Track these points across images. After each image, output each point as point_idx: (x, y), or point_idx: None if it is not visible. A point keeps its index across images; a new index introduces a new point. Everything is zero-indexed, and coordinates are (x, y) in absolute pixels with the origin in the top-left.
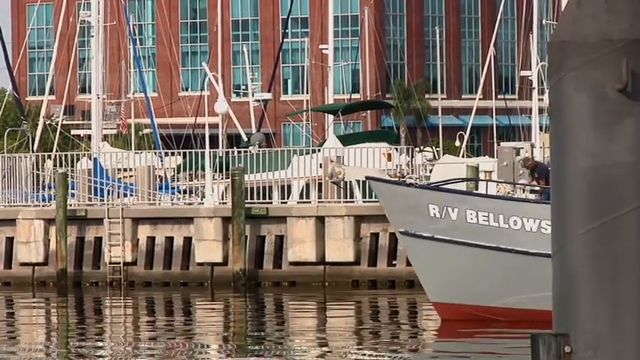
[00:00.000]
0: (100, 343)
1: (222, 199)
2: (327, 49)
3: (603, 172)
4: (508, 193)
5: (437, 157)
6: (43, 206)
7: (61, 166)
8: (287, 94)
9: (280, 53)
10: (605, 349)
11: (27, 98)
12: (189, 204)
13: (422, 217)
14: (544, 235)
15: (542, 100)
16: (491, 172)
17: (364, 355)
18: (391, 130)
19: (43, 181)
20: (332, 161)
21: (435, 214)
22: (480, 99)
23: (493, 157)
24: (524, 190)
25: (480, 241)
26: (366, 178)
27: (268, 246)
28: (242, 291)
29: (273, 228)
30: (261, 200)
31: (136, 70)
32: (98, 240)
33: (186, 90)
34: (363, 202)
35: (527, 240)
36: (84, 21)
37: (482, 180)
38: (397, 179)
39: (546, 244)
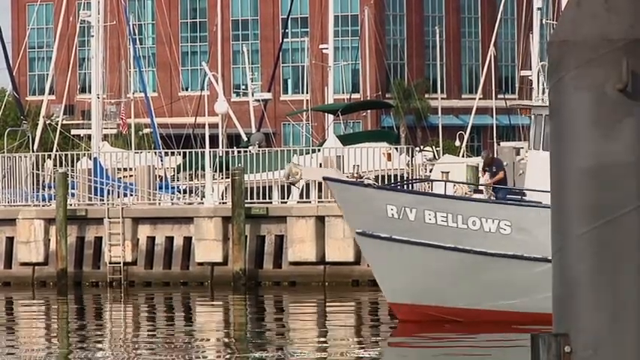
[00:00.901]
0: (99, 343)
1: (222, 199)
2: (327, 48)
3: (603, 171)
4: (466, 193)
5: (437, 157)
6: (43, 206)
7: (61, 165)
8: (287, 93)
9: (280, 53)
10: (605, 349)
11: (27, 98)
12: (189, 204)
13: (380, 217)
14: (503, 235)
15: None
16: (448, 172)
17: (364, 354)
18: (391, 130)
19: (43, 181)
20: (290, 162)
21: (393, 214)
22: (479, 99)
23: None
24: (488, 191)
25: (439, 241)
26: (323, 178)
27: (268, 246)
28: (242, 291)
29: (273, 228)
30: (261, 200)
31: (136, 70)
32: (98, 240)
33: (186, 90)
34: None
35: (485, 240)
36: (84, 21)
37: (439, 180)
38: (355, 180)
39: (505, 244)
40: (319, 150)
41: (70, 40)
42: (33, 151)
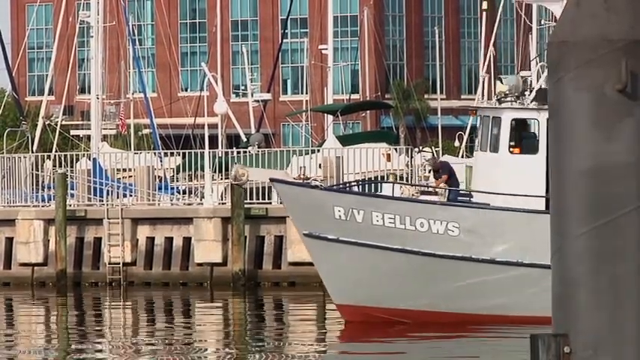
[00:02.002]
0: (99, 344)
1: (222, 200)
2: (326, 49)
3: (602, 172)
4: (413, 195)
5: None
6: (42, 206)
7: (60, 166)
8: (286, 94)
9: (280, 53)
10: (605, 349)
11: (26, 98)
12: (189, 204)
13: (327, 219)
14: (451, 237)
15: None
16: (395, 172)
17: (363, 353)
18: (390, 131)
19: (43, 182)
20: (236, 164)
21: (340, 216)
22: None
23: None
24: (436, 192)
25: (386, 243)
26: (270, 180)
27: (268, 246)
28: (241, 291)
29: (273, 228)
30: (261, 200)
31: (136, 71)
32: (97, 240)
33: (186, 90)
34: None
35: (433, 242)
36: (83, 21)
37: (387, 182)
38: (302, 181)
39: (453, 245)
40: (319, 150)
41: (69, 40)
42: (32, 152)
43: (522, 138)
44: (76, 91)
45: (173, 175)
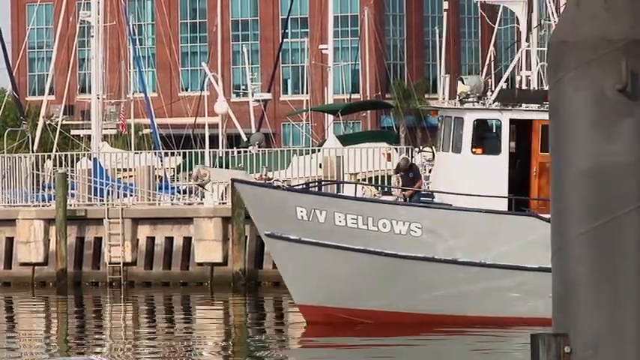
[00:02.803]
0: (99, 344)
1: (222, 199)
2: (326, 49)
3: (602, 172)
4: (375, 195)
5: None
6: (42, 206)
7: (60, 166)
8: (287, 94)
9: (280, 53)
10: (605, 349)
11: (27, 98)
12: (189, 204)
13: (289, 219)
14: (413, 237)
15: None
16: (357, 173)
17: (362, 351)
18: (391, 131)
19: (43, 182)
20: (198, 164)
21: (302, 216)
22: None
23: None
24: (404, 194)
25: (349, 243)
26: (232, 180)
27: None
28: (242, 291)
29: None
30: None
31: (136, 70)
32: (98, 240)
33: (186, 90)
34: None
35: (396, 242)
36: (84, 21)
37: (348, 182)
38: (264, 182)
39: (415, 246)
40: (319, 150)
41: (69, 40)
42: (33, 152)
43: (485, 139)
44: (77, 90)
45: (173, 175)
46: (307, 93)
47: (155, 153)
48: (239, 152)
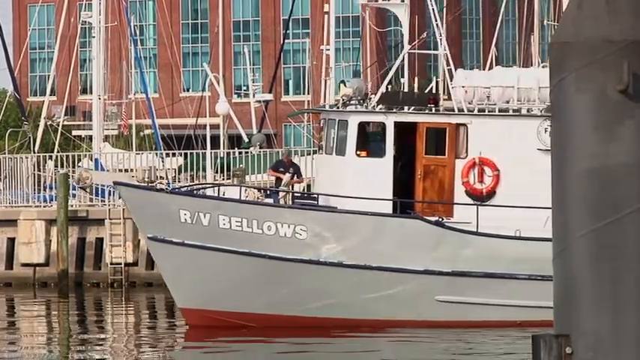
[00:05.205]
0: (100, 344)
1: None
2: (328, 49)
3: (604, 173)
4: (258, 198)
5: None
6: (44, 207)
7: (62, 166)
8: (288, 94)
9: (281, 54)
10: (606, 350)
11: (28, 99)
12: None
13: (172, 222)
14: (298, 240)
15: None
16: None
17: (361, 350)
18: None
19: (45, 182)
20: (80, 166)
21: (186, 219)
22: None
23: None
24: (293, 196)
25: (233, 246)
26: (114, 183)
27: None
28: None
29: None
30: None
31: (137, 71)
32: (99, 241)
33: (188, 91)
34: None
35: (281, 245)
36: (85, 22)
37: (230, 185)
38: (147, 184)
39: (300, 249)
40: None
41: (71, 41)
42: (34, 152)
43: (369, 141)
44: (78, 91)
45: (175, 176)
46: (308, 94)
47: (156, 154)
48: (240, 153)
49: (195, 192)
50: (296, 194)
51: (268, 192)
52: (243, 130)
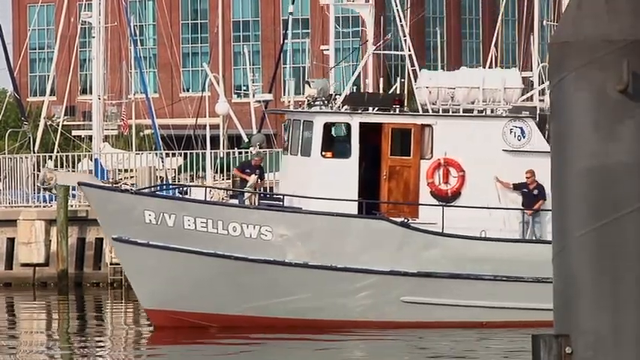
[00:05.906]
0: (100, 344)
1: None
2: (327, 49)
3: (604, 172)
4: (222, 199)
5: None
6: (44, 207)
7: (62, 166)
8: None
9: (281, 54)
10: (606, 349)
11: (28, 99)
12: None
13: (137, 223)
14: (264, 241)
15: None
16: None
17: (362, 349)
18: None
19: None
20: (45, 167)
21: (150, 220)
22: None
23: None
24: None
25: (198, 247)
26: (78, 184)
27: None
28: None
29: None
30: None
31: (137, 71)
32: (99, 241)
33: (187, 91)
34: None
35: (246, 246)
36: (85, 22)
37: (195, 186)
38: (111, 185)
39: (266, 250)
40: None
41: (71, 41)
42: (34, 152)
43: (334, 142)
44: (78, 91)
45: (175, 176)
46: None
47: (156, 154)
48: (240, 153)
49: (160, 193)
50: (261, 195)
51: (233, 193)
52: (243, 130)
